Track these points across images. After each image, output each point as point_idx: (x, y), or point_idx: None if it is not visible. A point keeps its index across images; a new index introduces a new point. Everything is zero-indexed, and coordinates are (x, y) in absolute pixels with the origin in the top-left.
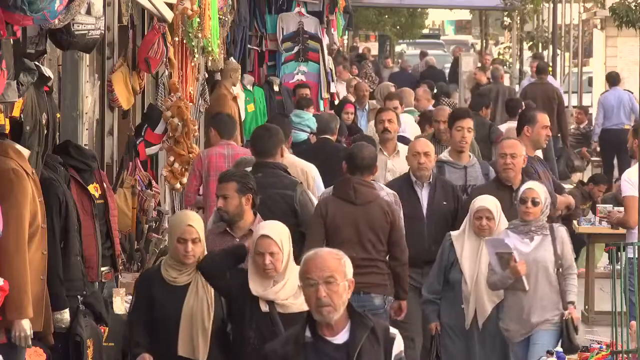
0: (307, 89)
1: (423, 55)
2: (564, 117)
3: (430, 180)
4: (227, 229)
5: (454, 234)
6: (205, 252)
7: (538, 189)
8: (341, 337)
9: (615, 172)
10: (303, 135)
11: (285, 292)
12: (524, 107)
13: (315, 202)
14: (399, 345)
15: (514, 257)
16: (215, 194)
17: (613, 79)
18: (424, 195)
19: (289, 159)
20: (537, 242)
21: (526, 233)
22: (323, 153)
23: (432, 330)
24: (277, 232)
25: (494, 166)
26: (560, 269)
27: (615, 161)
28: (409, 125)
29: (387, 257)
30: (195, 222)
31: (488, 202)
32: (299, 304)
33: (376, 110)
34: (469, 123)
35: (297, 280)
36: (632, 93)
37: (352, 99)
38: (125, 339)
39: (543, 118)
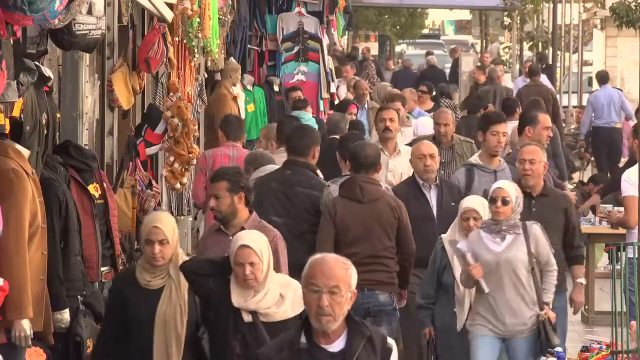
0: (298, 91)
1: (429, 55)
2: (559, 118)
3: (437, 182)
4: (221, 227)
5: (444, 237)
6: (197, 251)
7: (508, 189)
8: (337, 345)
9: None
10: None
11: (267, 301)
12: (521, 108)
13: None
14: (395, 358)
15: (468, 259)
16: (208, 193)
17: (602, 78)
18: (432, 196)
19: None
20: (509, 241)
21: (497, 232)
22: (332, 153)
23: (427, 335)
24: (257, 241)
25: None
26: (536, 268)
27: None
28: (428, 129)
29: (396, 253)
30: (162, 223)
31: (474, 202)
32: (281, 313)
33: (376, 109)
34: (504, 127)
35: (279, 289)
36: (622, 91)
37: (351, 97)
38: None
39: (545, 119)
